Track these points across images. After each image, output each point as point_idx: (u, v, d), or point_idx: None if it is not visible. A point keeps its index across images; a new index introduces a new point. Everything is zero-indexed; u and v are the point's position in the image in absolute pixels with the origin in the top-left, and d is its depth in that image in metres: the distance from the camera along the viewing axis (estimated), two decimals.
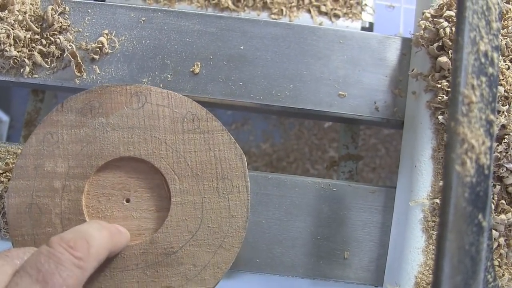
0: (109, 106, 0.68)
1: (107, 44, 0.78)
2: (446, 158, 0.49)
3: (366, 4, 0.96)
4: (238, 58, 0.78)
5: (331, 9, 0.95)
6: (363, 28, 0.94)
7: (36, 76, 0.77)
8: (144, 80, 0.76)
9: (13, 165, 0.73)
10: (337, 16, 0.95)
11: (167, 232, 0.66)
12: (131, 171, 0.68)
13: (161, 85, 0.76)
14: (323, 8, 0.95)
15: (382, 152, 1.34)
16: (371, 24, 0.96)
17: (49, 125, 0.68)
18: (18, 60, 0.76)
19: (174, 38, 0.78)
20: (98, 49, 0.77)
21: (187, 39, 0.78)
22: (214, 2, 0.94)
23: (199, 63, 0.77)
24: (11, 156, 0.74)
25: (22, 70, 0.76)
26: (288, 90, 0.77)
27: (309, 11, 0.95)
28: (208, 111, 0.69)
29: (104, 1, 0.92)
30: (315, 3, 0.95)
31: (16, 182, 0.67)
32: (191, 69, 0.77)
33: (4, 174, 0.73)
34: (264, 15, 0.94)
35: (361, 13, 0.95)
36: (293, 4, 0.95)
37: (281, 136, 1.37)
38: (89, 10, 0.80)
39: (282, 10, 0.94)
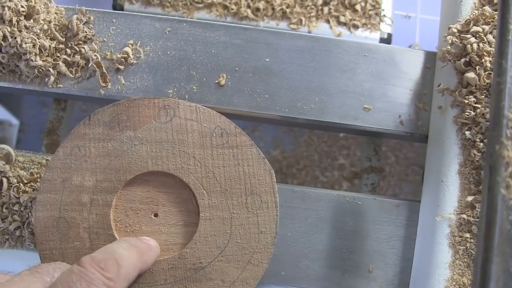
0: (137, 120, 0.68)
1: (132, 54, 0.78)
2: (490, 182, 0.49)
3: (384, 15, 0.96)
4: (263, 70, 0.77)
5: (350, 20, 0.95)
6: (381, 39, 0.94)
7: (61, 85, 0.77)
8: (169, 91, 0.76)
9: (38, 175, 0.73)
10: (356, 27, 0.95)
11: (196, 247, 0.66)
12: (159, 185, 0.68)
13: (187, 96, 0.76)
14: (342, 19, 0.95)
15: (391, 160, 1.34)
16: (389, 35, 0.96)
17: (76, 138, 0.67)
18: (42, 70, 0.76)
19: (200, 49, 0.78)
20: (123, 59, 0.77)
21: (213, 51, 0.78)
22: (233, 11, 0.94)
23: (224, 75, 0.77)
24: (35, 166, 0.74)
25: (46, 79, 0.76)
26: (313, 103, 0.77)
27: (328, 22, 0.95)
28: (236, 125, 0.68)
29: (123, 10, 0.92)
30: (334, 14, 0.95)
31: (43, 195, 0.66)
32: (216, 81, 0.77)
33: (28, 184, 0.72)
34: (283, 25, 0.94)
35: (379, 23, 0.95)
36: (312, 14, 0.95)
37: (291, 142, 1.37)
38: (114, 20, 0.79)
39: (301, 20, 0.94)
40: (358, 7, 0.96)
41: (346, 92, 0.77)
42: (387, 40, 0.96)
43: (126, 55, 0.77)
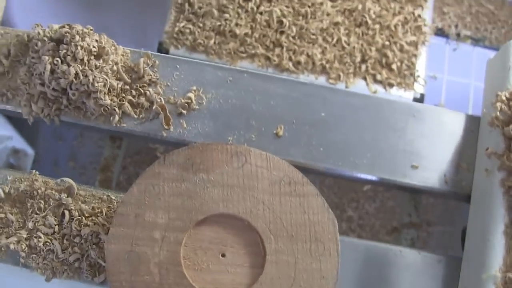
0: (210, 164, 0.71)
1: (195, 100, 0.81)
2: None
3: (418, 76, 1.01)
4: (319, 124, 0.82)
5: (386, 78, 1.00)
6: (415, 99, 0.99)
7: (124, 125, 0.80)
8: (229, 138, 0.80)
9: (98, 210, 0.75)
10: (391, 85, 1.00)
11: None
12: (228, 227, 0.71)
13: (245, 144, 0.79)
14: (378, 77, 1.00)
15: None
16: (422, 95, 1.01)
17: (151, 176, 0.70)
18: (108, 108, 0.79)
19: (259, 100, 0.82)
20: (186, 104, 0.80)
21: (271, 102, 0.82)
22: (275, 63, 0.98)
23: (282, 126, 0.81)
24: (96, 201, 0.77)
25: (111, 118, 0.79)
26: (365, 158, 0.81)
27: (365, 79, 1.00)
28: (304, 175, 0.72)
29: (168, 53, 0.96)
30: (371, 72, 1.00)
31: (116, 229, 0.69)
32: (274, 131, 0.81)
33: (90, 218, 0.75)
34: (322, 79, 0.99)
35: (413, 83, 1.00)
36: (350, 70, 1.00)
37: None
38: (178, 66, 0.83)
39: (339, 75, 0.99)
40: (394, 66, 1.01)
41: (396, 150, 0.82)
42: (420, 99, 1.01)
43: (189, 100, 0.81)
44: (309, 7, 1.03)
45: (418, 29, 1.05)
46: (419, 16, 1.05)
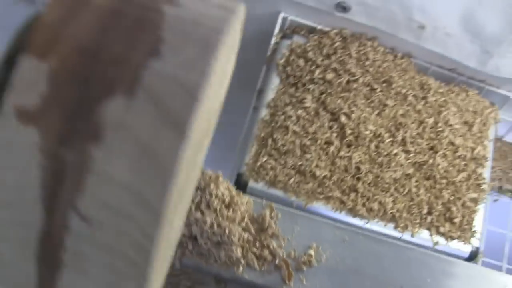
0: None
1: (314, 257, 0.85)
2: None
3: (475, 231, 1.08)
4: None
5: (448, 231, 1.06)
6: (471, 252, 1.06)
7: (246, 276, 0.82)
8: None
9: None
10: (452, 238, 1.06)
11: None
12: None
13: None
14: (441, 229, 1.06)
15: None
16: (477, 248, 1.08)
17: None
18: (233, 259, 0.81)
19: (373, 262, 0.87)
20: (308, 261, 0.84)
21: (384, 264, 0.87)
22: (349, 207, 1.03)
23: None
24: None
25: (235, 267, 0.82)
26: None
27: (429, 229, 1.06)
28: None
29: (247, 186, 0.99)
30: (435, 224, 1.06)
31: None
32: None
33: None
34: (390, 226, 1.04)
35: (470, 238, 1.07)
36: (416, 221, 1.06)
37: None
38: (298, 221, 0.87)
39: (407, 225, 1.05)
40: (456, 220, 1.08)
41: None
42: (475, 252, 1.08)
43: (311, 257, 0.84)
44: (384, 156, 1.09)
45: (478, 187, 1.12)
46: (480, 174, 1.13)
